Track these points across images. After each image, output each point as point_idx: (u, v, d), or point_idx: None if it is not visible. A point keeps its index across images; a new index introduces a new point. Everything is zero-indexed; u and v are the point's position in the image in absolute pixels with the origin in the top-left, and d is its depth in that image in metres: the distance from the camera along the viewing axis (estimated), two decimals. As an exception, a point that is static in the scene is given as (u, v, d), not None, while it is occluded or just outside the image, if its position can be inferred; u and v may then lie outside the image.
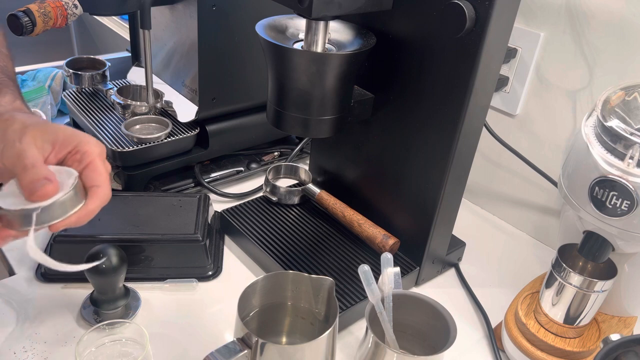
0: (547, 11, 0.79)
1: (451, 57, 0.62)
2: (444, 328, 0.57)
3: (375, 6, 0.63)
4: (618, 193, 0.52)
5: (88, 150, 0.51)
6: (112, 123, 0.91)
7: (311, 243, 0.79)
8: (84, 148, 0.51)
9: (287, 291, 0.60)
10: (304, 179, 0.93)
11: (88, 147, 0.51)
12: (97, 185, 0.51)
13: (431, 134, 0.68)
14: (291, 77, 0.64)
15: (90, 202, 0.51)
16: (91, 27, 1.77)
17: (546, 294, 0.63)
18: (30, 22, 0.74)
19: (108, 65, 1.02)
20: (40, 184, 0.47)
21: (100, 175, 0.51)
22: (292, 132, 0.87)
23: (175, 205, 0.78)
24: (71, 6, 0.77)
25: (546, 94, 0.83)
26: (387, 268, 0.59)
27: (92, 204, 0.51)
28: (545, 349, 0.63)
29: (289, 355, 0.52)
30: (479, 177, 0.96)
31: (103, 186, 0.51)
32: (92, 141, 0.52)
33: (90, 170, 0.51)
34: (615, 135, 0.53)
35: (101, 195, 0.51)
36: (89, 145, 0.52)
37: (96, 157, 0.52)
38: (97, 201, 0.51)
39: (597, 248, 0.59)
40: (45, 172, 0.48)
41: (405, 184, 0.74)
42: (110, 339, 0.60)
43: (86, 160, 0.51)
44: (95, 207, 0.51)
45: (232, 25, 0.85)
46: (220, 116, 0.93)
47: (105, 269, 0.62)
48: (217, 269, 0.77)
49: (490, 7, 0.56)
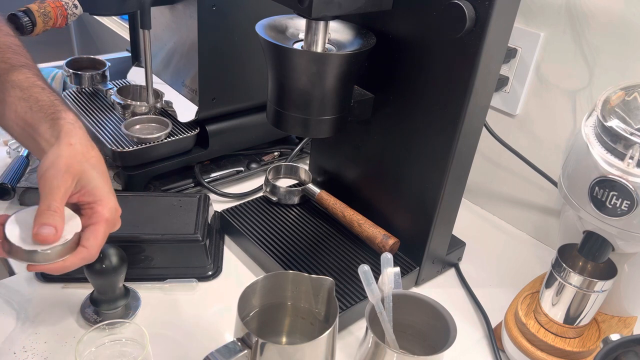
0: (547, 11, 0.79)
1: (451, 57, 0.62)
2: (444, 328, 0.57)
3: (375, 6, 0.63)
4: (618, 193, 0.52)
5: (99, 211, 0.55)
6: (112, 123, 0.91)
7: (311, 243, 0.79)
8: (96, 207, 0.55)
9: (287, 291, 0.60)
10: (304, 179, 0.93)
11: (101, 209, 0.55)
12: (87, 247, 0.54)
13: (431, 134, 0.68)
14: (291, 77, 0.64)
15: (72, 259, 0.54)
16: (91, 27, 1.77)
17: (546, 294, 0.63)
18: (30, 22, 0.74)
19: (108, 65, 1.02)
20: (47, 231, 0.51)
21: (95, 239, 0.55)
22: (292, 132, 0.87)
23: (175, 205, 0.78)
24: (71, 6, 0.77)
25: (546, 94, 0.83)
26: (387, 268, 0.59)
27: (72, 261, 0.54)
28: (545, 349, 0.63)
29: (289, 355, 0.52)
30: (479, 177, 0.96)
31: (91, 250, 0.54)
32: (108, 204, 0.56)
33: (90, 231, 0.55)
34: (615, 135, 0.53)
35: (84, 257, 0.54)
36: (103, 207, 0.55)
37: (102, 221, 0.55)
38: (77, 261, 0.54)
39: (597, 248, 0.59)
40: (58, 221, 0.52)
41: (405, 184, 0.74)
42: (110, 339, 0.60)
43: (93, 220, 0.55)
44: (73, 265, 0.54)
45: (232, 25, 0.85)
46: (220, 116, 0.93)
47: (105, 269, 0.62)
48: (217, 269, 0.76)
49: (490, 7, 0.56)
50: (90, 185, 0.55)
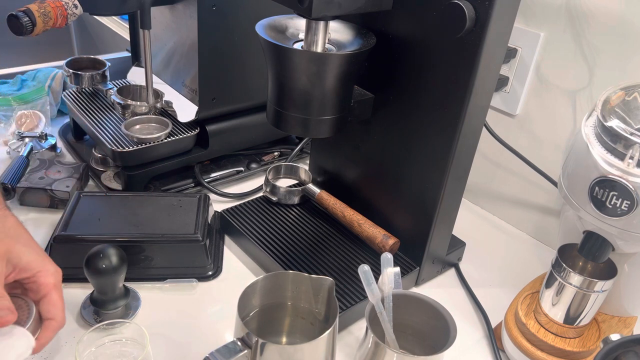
0: (547, 11, 0.79)
1: (451, 57, 0.62)
2: (444, 328, 0.57)
3: (375, 6, 0.63)
4: (618, 193, 0.52)
5: (44, 283, 0.55)
6: (112, 123, 0.91)
7: (311, 243, 0.79)
8: (40, 280, 0.55)
9: (287, 291, 0.60)
10: (304, 179, 0.93)
11: (44, 279, 0.55)
12: (52, 318, 0.55)
13: (431, 134, 0.68)
14: (291, 77, 0.64)
15: (44, 334, 0.54)
16: (91, 27, 1.77)
17: (546, 294, 0.63)
18: (30, 22, 0.74)
19: (108, 65, 1.02)
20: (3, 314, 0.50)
21: (55, 308, 0.55)
22: (292, 132, 0.87)
23: (175, 205, 0.78)
24: (71, 6, 0.77)
25: (546, 94, 0.83)
26: (387, 268, 0.59)
27: (46, 336, 0.54)
28: (545, 349, 0.63)
29: (289, 355, 0.52)
30: (479, 177, 0.96)
31: (57, 319, 0.55)
32: (49, 271, 0.55)
33: (45, 302, 0.55)
34: (615, 135, 0.53)
35: (55, 327, 0.55)
36: (45, 277, 0.55)
37: (52, 289, 0.55)
38: (51, 333, 0.55)
39: (597, 248, 0.59)
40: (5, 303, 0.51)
41: (405, 184, 0.74)
42: (110, 339, 0.60)
43: (42, 292, 0.55)
44: (49, 338, 0.55)
45: (232, 25, 0.85)
46: (220, 116, 0.93)
47: (105, 269, 0.62)
48: (217, 269, 0.76)
49: (490, 7, 0.56)
50: (23, 261, 0.54)
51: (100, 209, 0.76)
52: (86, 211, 0.75)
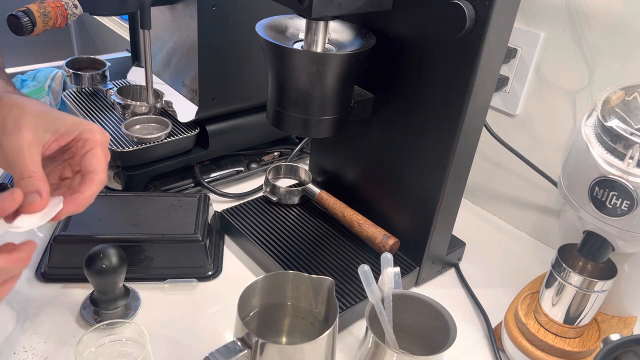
0: (547, 11, 0.79)
1: (451, 57, 0.62)
2: (444, 328, 0.57)
3: (375, 6, 0.63)
4: (618, 193, 0.52)
5: (90, 138, 0.52)
6: (112, 123, 0.91)
7: (311, 243, 0.79)
8: (86, 136, 0.52)
9: (287, 291, 0.60)
10: (304, 179, 0.93)
11: (91, 135, 0.52)
12: (95, 171, 0.51)
13: (431, 134, 0.68)
14: (291, 77, 0.64)
15: (87, 187, 0.51)
16: (91, 27, 1.77)
17: (546, 294, 0.63)
18: (30, 22, 0.74)
19: (108, 65, 1.02)
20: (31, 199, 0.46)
21: (99, 162, 0.52)
22: (292, 132, 0.87)
23: (175, 205, 0.78)
24: (71, 6, 0.77)
25: (546, 94, 0.83)
26: (387, 268, 0.59)
27: (89, 190, 0.51)
28: (545, 349, 0.63)
29: (289, 355, 0.52)
30: (479, 177, 0.96)
31: (100, 173, 0.52)
32: (95, 129, 0.53)
33: (90, 156, 0.52)
34: (615, 135, 0.53)
35: (97, 181, 0.52)
36: (92, 133, 0.52)
37: (98, 145, 0.52)
38: (93, 187, 0.51)
39: (597, 248, 0.59)
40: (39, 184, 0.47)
41: (405, 184, 0.74)
42: (110, 339, 0.60)
43: (88, 147, 0.52)
44: (92, 193, 0.51)
45: (232, 25, 0.85)
46: (220, 116, 0.93)
47: (105, 269, 0.62)
48: (217, 269, 0.76)
49: (490, 7, 0.56)
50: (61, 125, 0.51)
51: (100, 209, 0.76)
52: (86, 211, 0.74)
